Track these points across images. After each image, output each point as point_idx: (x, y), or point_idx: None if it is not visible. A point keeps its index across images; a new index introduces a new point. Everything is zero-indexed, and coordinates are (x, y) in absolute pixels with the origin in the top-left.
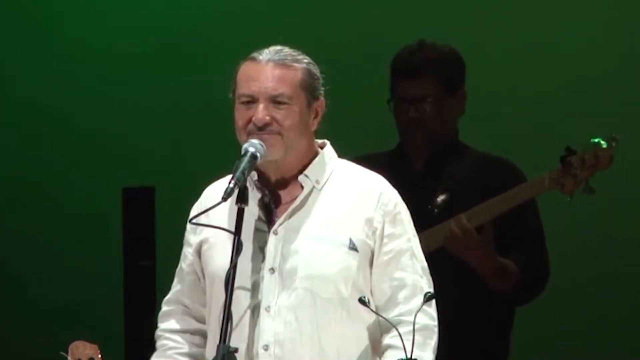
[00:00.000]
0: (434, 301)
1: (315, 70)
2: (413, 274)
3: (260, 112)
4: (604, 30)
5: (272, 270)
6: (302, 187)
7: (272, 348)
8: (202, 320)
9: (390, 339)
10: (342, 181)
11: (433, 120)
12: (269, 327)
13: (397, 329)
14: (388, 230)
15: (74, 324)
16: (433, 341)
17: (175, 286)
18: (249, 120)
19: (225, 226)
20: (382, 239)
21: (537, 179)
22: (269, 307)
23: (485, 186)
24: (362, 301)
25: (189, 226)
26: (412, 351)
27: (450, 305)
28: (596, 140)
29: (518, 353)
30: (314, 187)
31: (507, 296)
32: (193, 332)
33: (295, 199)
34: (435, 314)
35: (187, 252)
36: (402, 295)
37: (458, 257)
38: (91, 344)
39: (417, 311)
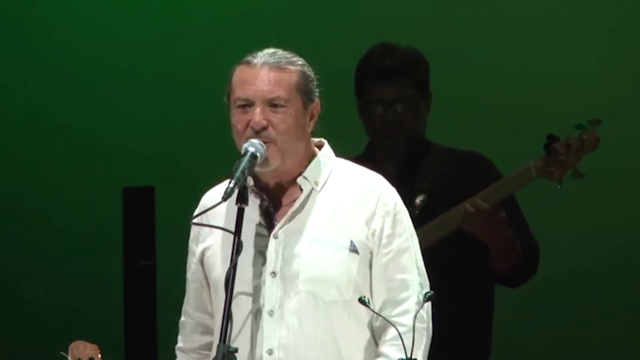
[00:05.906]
0: (428, 303)
1: (310, 72)
2: (410, 275)
3: (257, 115)
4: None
5: (274, 274)
6: (301, 190)
7: (276, 352)
8: (207, 331)
9: (382, 346)
10: (341, 182)
11: (410, 121)
12: (273, 331)
13: (396, 329)
14: (388, 230)
15: (74, 323)
16: (423, 344)
17: (186, 295)
18: (247, 125)
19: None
20: (381, 239)
21: (522, 169)
22: (272, 311)
23: (461, 181)
24: (361, 301)
25: (192, 234)
26: (412, 351)
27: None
28: (578, 124)
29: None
30: (312, 188)
31: (506, 276)
32: (197, 350)
33: (294, 201)
34: (427, 316)
35: (191, 262)
36: (398, 296)
37: (475, 235)
38: (91, 344)
39: (417, 312)
